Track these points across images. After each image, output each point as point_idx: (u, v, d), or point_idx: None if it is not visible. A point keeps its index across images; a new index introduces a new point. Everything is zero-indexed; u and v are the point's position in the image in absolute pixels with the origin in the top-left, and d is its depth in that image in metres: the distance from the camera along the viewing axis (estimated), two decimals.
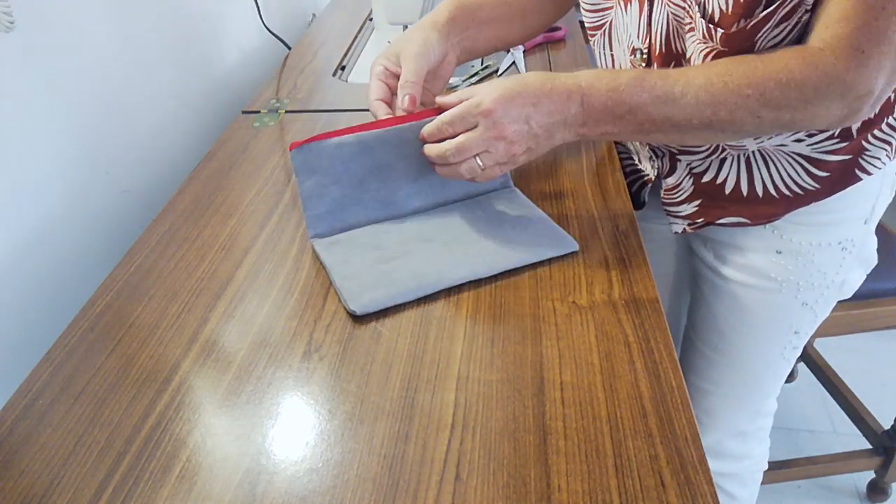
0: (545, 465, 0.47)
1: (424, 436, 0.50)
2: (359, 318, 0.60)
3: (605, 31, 0.76)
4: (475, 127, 0.63)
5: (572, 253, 0.66)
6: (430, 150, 0.66)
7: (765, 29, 0.59)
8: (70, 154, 0.77)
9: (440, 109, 0.68)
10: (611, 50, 0.77)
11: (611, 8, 0.73)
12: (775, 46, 0.60)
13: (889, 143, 0.69)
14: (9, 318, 0.69)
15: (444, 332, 0.59)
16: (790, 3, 0.57)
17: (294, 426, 0.51)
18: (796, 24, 0.58)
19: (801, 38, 0.60)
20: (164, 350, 0.58)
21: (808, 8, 0.57)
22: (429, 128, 0.67)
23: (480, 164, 0.64)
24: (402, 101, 0.70)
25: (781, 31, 0.59)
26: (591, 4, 0.76)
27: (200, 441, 0.50)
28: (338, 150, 0.69)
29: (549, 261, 0.66)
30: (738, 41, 0.60)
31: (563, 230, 0.68)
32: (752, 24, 0.58)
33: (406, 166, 0.71)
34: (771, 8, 0.57)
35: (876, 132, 0.68)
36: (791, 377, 1.67)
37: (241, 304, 0.63)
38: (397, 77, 0.73)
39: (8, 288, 0.69)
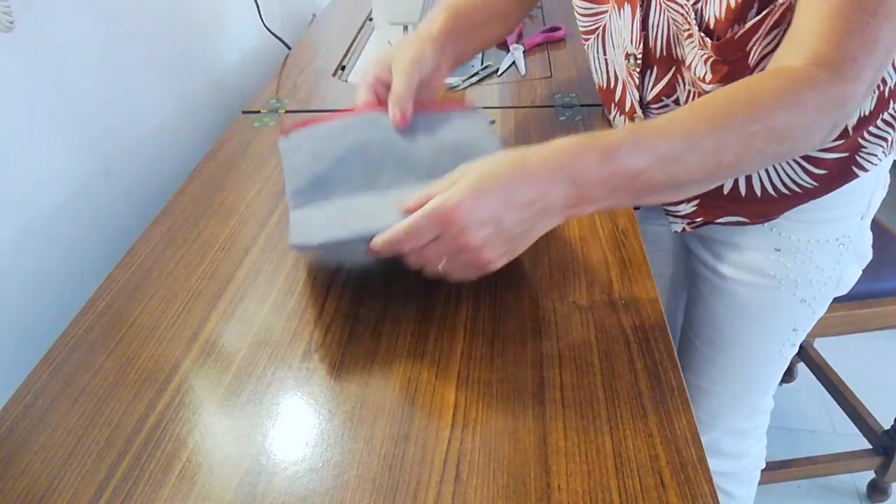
0: (545, 465, 0.47)
1: (424, 436, 0.50)
2: (359, 318, 0.60)
3: (598, 35, 0.76)
4: (437, 238, 0.53)
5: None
6: (385, 252, 0.56)
7: (756, 37, 0.59)
8: (70, 154, 0.77)
9: (428, 103, 0.69)
10: (605, 55, 0.77)
11: (605, 12, 0.73)
12: (769, 56, 0.59)
13: (885, 140, 0.69)
14: (9, 318, 0.69)
15: (444, 332, 0.59)
16: (780, 8, 0.56)
17: (294, 426, 0.51)
18: (786, 29, 0.58)
19: None
20: (164, 350, 0.58)
21: None
22: (381, 242, 0.55)
23: (442, 271, 0.56)
24: (394, 116, 0.68)
25: (774, 39, 0.59)
26: (585, 8, 0.76)
27: (200, 441, 0.50)
28: (321, 131, 0.70)
29: (549, 260, 0.65)
30: (731, 50, 0.60)
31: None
32: (741, 32, 0.58)
33: (388, 150, 0.69)
34: (760, 15, 0.57)
35: (871, 129, 0.68)
36: (791, 377, 1.67)
37: (241, 304, 0.63)
38: (387, 86, 0.71)
39: (8, 288, 0.69)
